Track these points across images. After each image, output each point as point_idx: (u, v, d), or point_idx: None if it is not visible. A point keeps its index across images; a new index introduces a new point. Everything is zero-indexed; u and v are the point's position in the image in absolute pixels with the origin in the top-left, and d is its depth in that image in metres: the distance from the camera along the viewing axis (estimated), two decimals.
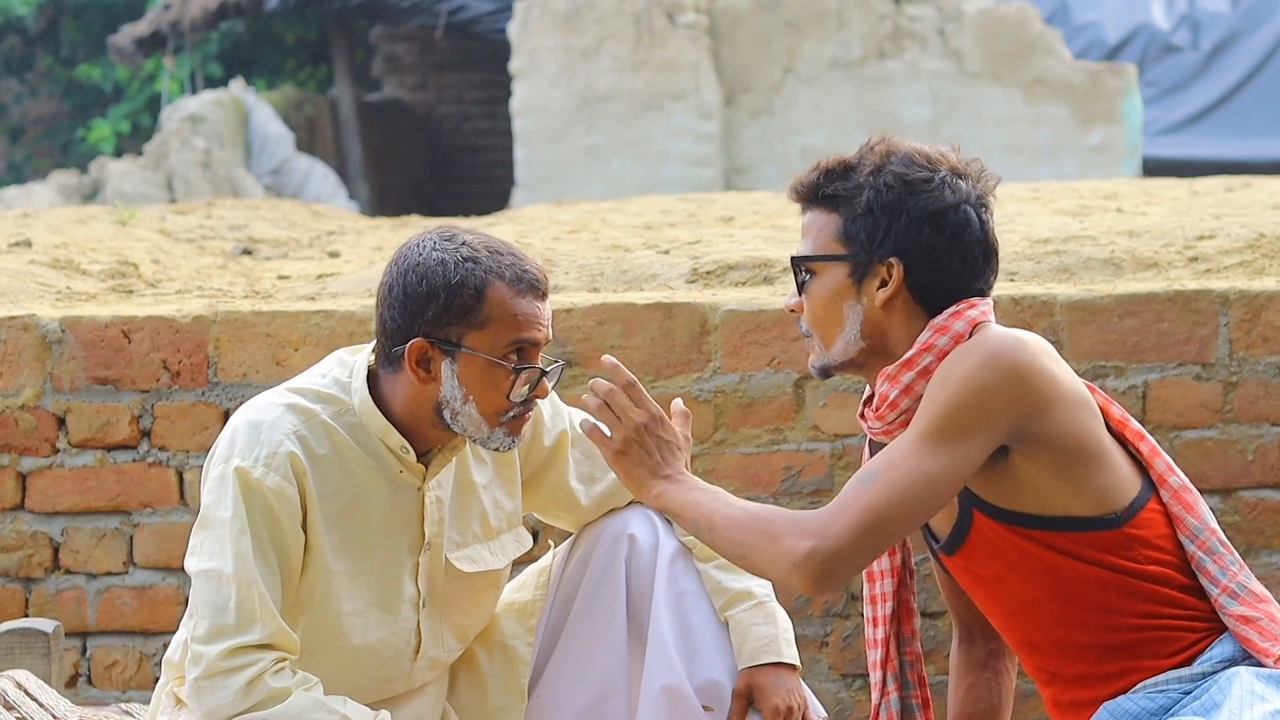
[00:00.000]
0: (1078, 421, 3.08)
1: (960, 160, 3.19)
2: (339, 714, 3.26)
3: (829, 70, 14.23)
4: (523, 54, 14.36)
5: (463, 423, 3.33)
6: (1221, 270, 5.25)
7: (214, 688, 3.26)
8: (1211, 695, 3.05)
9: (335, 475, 3.35)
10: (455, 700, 3.61)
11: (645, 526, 3.58)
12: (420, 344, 3.30)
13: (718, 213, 7.60)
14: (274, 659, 3.26)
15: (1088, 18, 15.84)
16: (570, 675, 3.58)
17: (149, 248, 6.82)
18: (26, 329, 4.86)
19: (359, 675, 3.43)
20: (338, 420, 3.37)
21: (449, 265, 3.29)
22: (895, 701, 3.38)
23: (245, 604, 3.26)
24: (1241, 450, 4.78)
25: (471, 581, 3.52)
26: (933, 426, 3.04)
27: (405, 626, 3.45)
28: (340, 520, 3.36)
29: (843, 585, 3.03)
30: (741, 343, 4.79)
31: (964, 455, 3.03)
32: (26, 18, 20.46)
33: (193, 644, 3.30)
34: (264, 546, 3.28)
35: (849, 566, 3.02)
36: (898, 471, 3.03)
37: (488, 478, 3.53)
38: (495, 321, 3.30)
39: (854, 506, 3.02)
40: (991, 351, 3.05)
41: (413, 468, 3.40)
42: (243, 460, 3.30)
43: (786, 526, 3.04)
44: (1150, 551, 3.11)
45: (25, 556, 4.89)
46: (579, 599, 3.60)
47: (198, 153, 14.91)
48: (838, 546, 3.01)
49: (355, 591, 3.39)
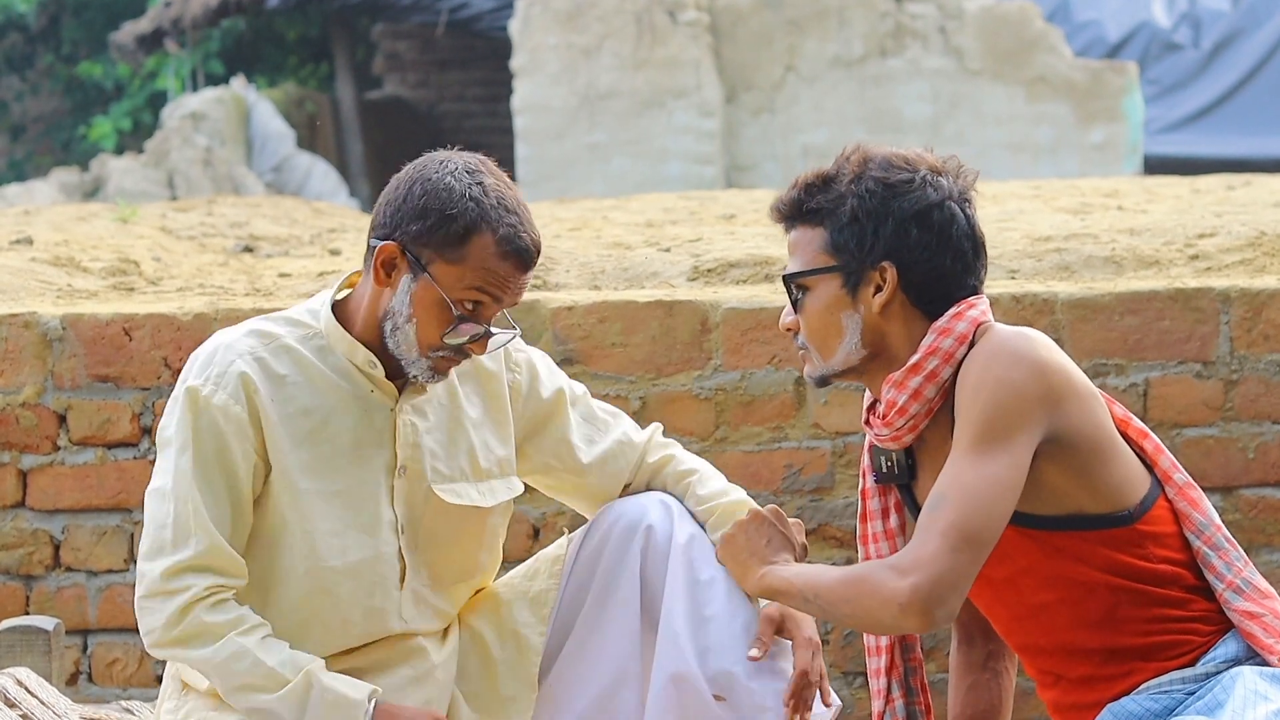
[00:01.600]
0: (1094, 415, 3.09)
1: (937, 159, 3.20)
2: (265, 666, 3.28)
3: (830, 68, 14.23)
4: (524, 52, 14.36)
5: (398, 339, 3.36)
6: (1222, 268, 5.24)
7: (151, 609, 3.31)
8: (1215, 695, 3.05)
9: (301, 396, 3.37)
10: (465, 687, 3.58)
11: (662, 515, 3.56)
12: (392, 248, 3.34)
13: (719, 210, 7.60)
14: (208, 585, 3.29)
15: (1089, 16, 15.83)
16: (583, 665, 3.57)
17: (150, 245, 6.82)
18: (28, 326, 4.86)
19: (347, 605, 3.41)
20: (305, 344, 3.41)
21: (454, 194, 3.32)
22: (901, 708, 3.37)
23: (181, 519, 3.30)
24: (1242, 448, 4.78)
25: (455, 518, 3.50)
26: (979, 436, 3.04)
27: (386, 551, 3.43)
28: (309, 440, 3.37)
29: (954, 612, 3.03)
30: (742, 340, 4.79)
31: (1017, 455, 3.04)
32: (28, 15, 20.46)
33: (139, 562, 3.35)
34: (207, 464, 3.32)
35: (954, 591, 3.02)
36: (963, 486, 3.03)
37: (479, 415, 3.53)
38: (466, 265, 3.32)
39: (935, 531, 3.02)
40: (1015, 351, 3.06)
41: (383, 385, 3.41)
42: (194, 380, 3.35)
43: (881, 574, 3.05)
44: (1160, 550, 3.11)
45: (26, 554, 4.89)
46: (593, 588, 3.58)
47: (199, 150, 14.91)
48: (937, 573, 3.01)
49: (330, 512, 3.39)
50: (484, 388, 3.55)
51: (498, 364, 3.56)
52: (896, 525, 3.33)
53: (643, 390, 4.80)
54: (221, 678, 3.31)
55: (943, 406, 3.16)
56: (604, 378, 4.81)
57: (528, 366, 3.61)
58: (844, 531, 4.80)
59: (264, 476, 3.37)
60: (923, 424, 3.17)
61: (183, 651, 3.31)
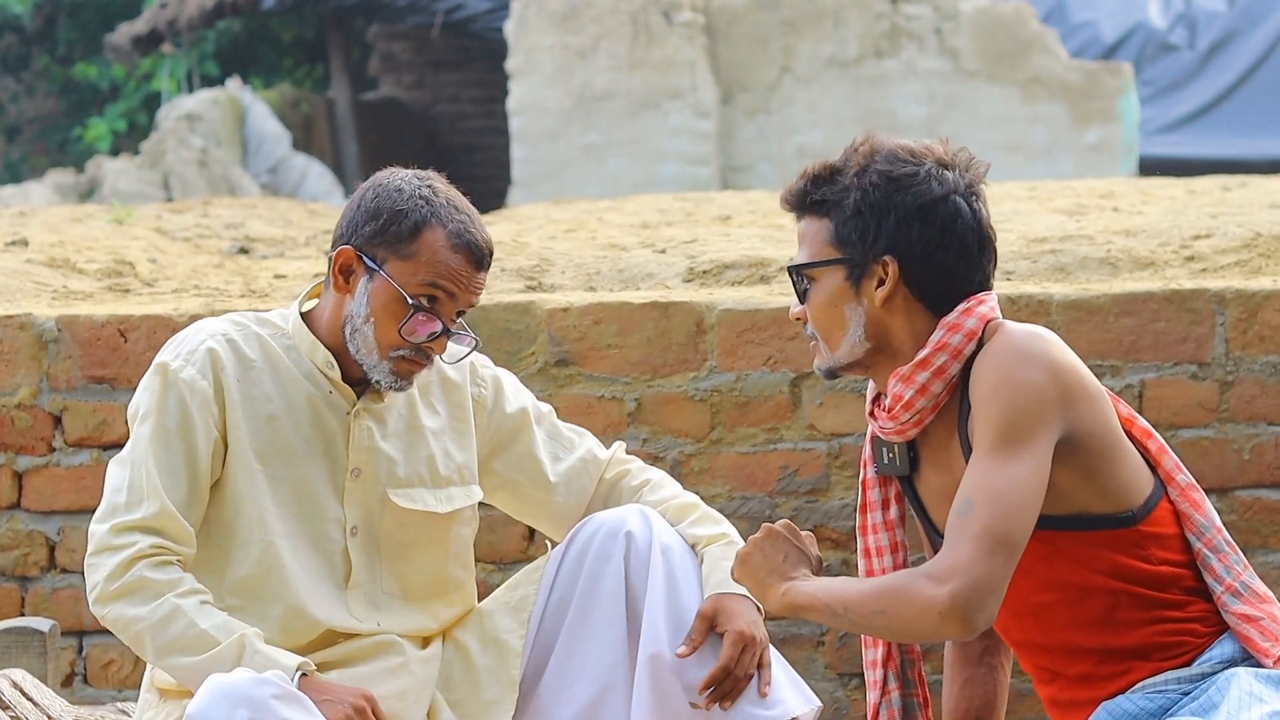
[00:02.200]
0: (1104, 415, 3.09)
1: (947, 151, 3.18)
2: (198, 628, 3.30)
3: (826, 69, 14.23)
4: (519, 53, 14.36)
5: (358, 342, 3.43)
6: (1218, 269, 5.25)
7: (97, 564, 3.37)
8: (1210, 696, 3.05)
9: (265, 382, 3.46)
10: (448, 694, 3.60)
11: (641, 523, 3.59)
12: (348, 252, 3.44)
13: (714, 212, 7.60)
14: (154, 544, 3.34)
15: (1084, 17, 15.84)
16: (569, 673, 3.58)
17: (145, 246, 6.82)
18: (23, 328, 4.86)
19: (300, 588, 3.44)
20: (275, 340, 3.50)
21: (404, 194, 3.43)
22: (897, 700, 3.37)
23: (135, 483, 3.38)
24: (1238, 449, 4.78)
25: (415, 525, 3.54)
26: (1001, 437, 3.03)
27: (331, 548, 3.48)
28: (267, 426, 3.45)
29: (994, 616, 3.01)
30: (738, 342, 4.79)
31: (1039, 455, 3.03)
32: (23, 16, 20.45)
33: (91, 524, 3.42)
34: (168, 434, 3.39)
35: (992, 595, 2.99)
36: (990, 489, 3.02)
37: (439, 425, 3.58)
38: (419, 260, 3.41)
39: (968, 536, 3.00)
40: (1030, 352, 3.05)
41: (340, 388, 3.49)
42: (166, 356, 3.44)
43: (916, 582, 3.03)
44: (1161, 551, 3.11)
45: (21, 555, 4.89)
46: (576, 596, 3.60)
47: (194, 151, 14.90)
48: (975, 578, 2.98)
49: (277, 495, 3.45)
50: (447, 397, 3.61)
51: (462, 376, 3.62)
52: (896, 516, 3.33)
53: (638, 391, 4.81)
54: (154, 639, 3.33)
55: (948, 401, 3.16)
56: (599, 379, 4.81)
57: (493, 382, 3.66)
58: (840, 533, 4.81)
59: (223, 457, 3.44)
60: (928, 419, 3.17)
61: (122, 606, 3.33)
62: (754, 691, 3.49)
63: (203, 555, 3.44)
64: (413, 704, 3.53)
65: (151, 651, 3.35)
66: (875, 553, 3.35)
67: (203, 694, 3.20)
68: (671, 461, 4.79)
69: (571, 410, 4.73)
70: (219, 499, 3.44)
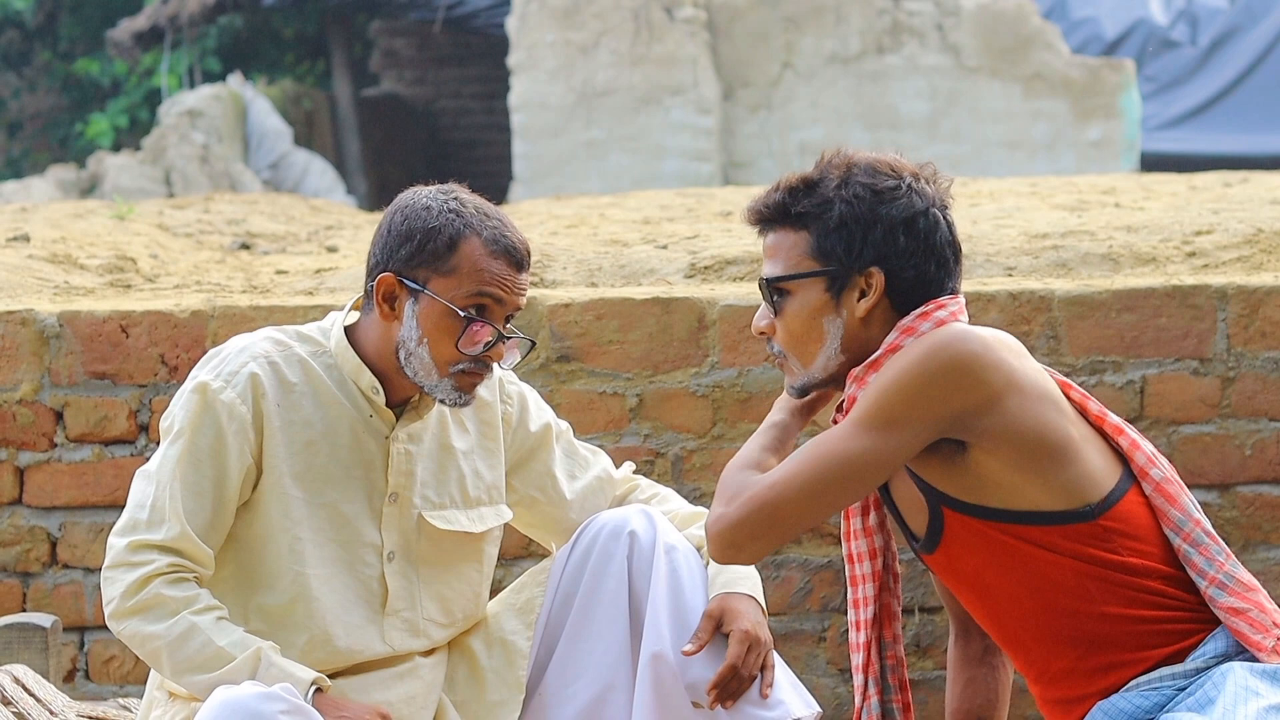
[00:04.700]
0: (1037, 415, 3.09)
1: (916, 165, 3.22)
2: (215, 645, 3.29)
3: (827, 65, 14.23)
4: (521, 49, 14.35)
5: (415, 365, 3.41)
6: (1219, 265, 5.25)
7: (113, 579, 3.35)
8: (1205, 691, 3.05)
9: (306, 406, 3.43)
10: (454, 696, 3.61)
11: (645, 523, 3.60)
12: (389, 279, 3.41)
13: (716, 208, 7.60)
14: (171, 562, 3.33)
15: (1086, 13, 15.83)
16: (572, 673, 3.59)
17: (147, 242, 6.82)
18: (24, 323, 4.86)
19: (328, 617, 3.43)
20: (315, 359, 3.47)
21: (433, 211, 3.41)
22: (876, 706, 3.38)
23: (159, 503, 3.35)
24: (1239, 445, 4.78)
25: (449, 544, 3.54)
26: (865, 412, 3.08)
27: (367, 573, 3.47)
28: (305, 450, 3.42)
29: (753, 557, 3.12)
30: (739, 337, 4.79)
31: (893, 442, 3.06)
32: (25, 12, 20.45)
33: (111, 536, 3.40)
34: (199, 456, 3.37)
35: (753, 540, 3.11)
36: (818, 450, 3.09)
37: (469, 445, 3.58)
38: (461, 272, 3.39)
39: (767, 481, 3.10)
40: (936, 343, 3.08)
41: (381, 411, 3.47)
42: (207, 375, 3.41)
43: (724, 485, 3.14)
44: (1130, 543, 3.11)
45: (23, 551, 4.89)
46: (580, 596, 3.61)
47: (196, 147, 14.90)
48: (739, 518, 3.10)
49: (314, 521, 3.43)
50: (478, 415, 3.60)
51: (492, 393, 3.61)
52: (875, 522, 3.36)
53: (639, 387, 4.81)
54: (171, 656, 3.32)
55: None
56: (601, 374, 4.81)
57: (519, 399, 3.66)
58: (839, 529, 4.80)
59: (254, 482, 3.41)
60: None
61: (139, 623, 3.32)
62: (755, 693, 3.50)
63: (228, 573, 3.42)
64: (420, 708, 3.53)
65: (169, 669, 3.34)
66: (857, 558, 3.38)
67: (208, 707, 3.20)
68: (673, 457, 4.80)
69: (573, 406, 4.74)
70: (248, 520, 3.42)
